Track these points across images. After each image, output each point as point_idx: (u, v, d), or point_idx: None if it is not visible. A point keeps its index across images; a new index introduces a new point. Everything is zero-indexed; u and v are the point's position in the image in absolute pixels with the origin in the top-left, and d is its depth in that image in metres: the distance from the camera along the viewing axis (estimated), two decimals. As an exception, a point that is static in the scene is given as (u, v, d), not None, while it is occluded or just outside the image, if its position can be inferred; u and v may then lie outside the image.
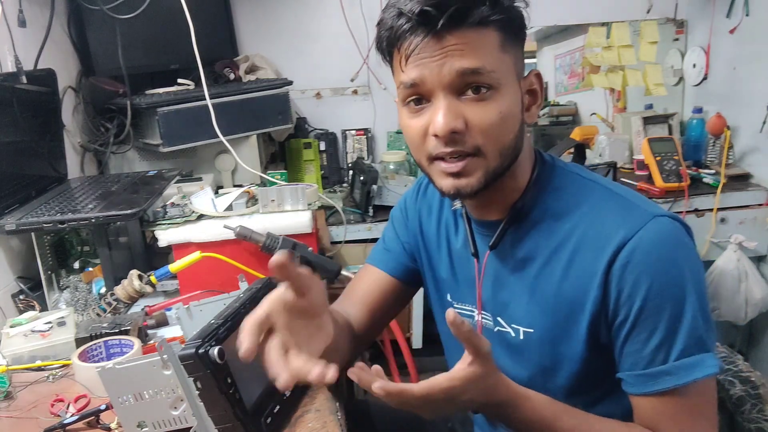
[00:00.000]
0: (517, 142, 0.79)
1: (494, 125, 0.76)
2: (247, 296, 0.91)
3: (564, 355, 0.82)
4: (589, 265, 0.77)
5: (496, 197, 0.85)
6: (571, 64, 2.62)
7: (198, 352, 0.74)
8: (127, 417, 0.83)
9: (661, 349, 0.74)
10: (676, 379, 0.74)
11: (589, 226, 0.78)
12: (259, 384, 0.85)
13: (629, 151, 2.33)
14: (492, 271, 0.88)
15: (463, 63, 0.73)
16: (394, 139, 2.43)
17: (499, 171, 0.79)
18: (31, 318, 1.18)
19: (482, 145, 0.76)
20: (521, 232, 0.84)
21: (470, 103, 0.75)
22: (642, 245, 0.74)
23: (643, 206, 0.78)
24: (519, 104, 0.79)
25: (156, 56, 1.99)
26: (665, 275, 0.74)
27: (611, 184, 0.84)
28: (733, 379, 0.99)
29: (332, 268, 1.35)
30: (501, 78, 0.75)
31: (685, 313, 0.74)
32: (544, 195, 0.84)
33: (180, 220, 1.39)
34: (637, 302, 0.74)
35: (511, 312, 0.87)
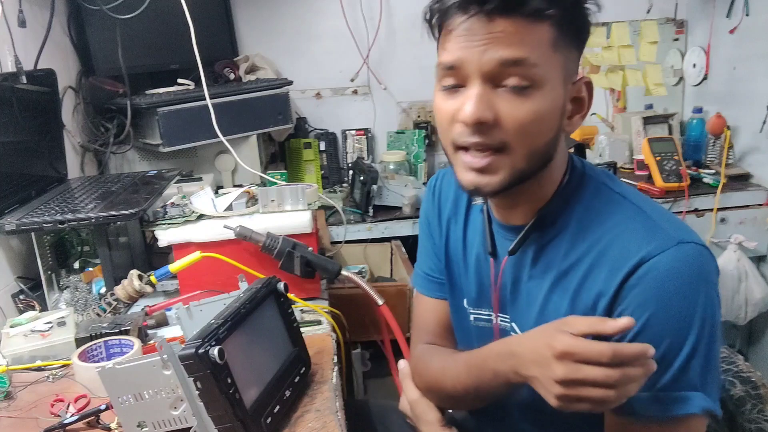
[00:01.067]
0: (549, 148, 0.75)
1: (527, 123, 0.71)
2: (247, 296, 0.91)
3: None
4: (603, 283, 0.74)
5: (521, 201, 0.81)
6: (571, 64, 2.62)
7: (198, 352, 0.74)
8: (127, 417, 0.83)
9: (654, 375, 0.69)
10: (657, 409, 0.71)
11: (609, 243, 0.75)
12: (259, 384, 0.86)
13: (629, 151, 2.33)
14: (510, 275, 0.86)
15: (506, 52, 0.69)
16: (394, 139, 2.43)
17: (526, 174, 0.75)
18: (31, 318, 1.17)
19: (510, 142, 0.72)
20: (543, 241, 0.81)
21: (506, 96, 0.71)
22: (657, 269, 0.70)
23: (669, 230, 0.73)
24: (560, 109, 0.74)
25: (156, 56, 1.99)
26: (673, 306, 0.70)
27: (641, 200, 0.79)
28: (734, 380, 0.99)
29: (332, 268, 1.35)
30: (545, 76, 0.71)
31: (683, 348, 0.70)
32: (571, 205, 0.80)
33: (180, 220, 1.39)
34: (638, 324, 0.70)
35: (525, 320, 0.84)
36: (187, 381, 0.75)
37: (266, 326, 0.94)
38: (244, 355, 0.84)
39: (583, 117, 0.78)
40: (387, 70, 2.38)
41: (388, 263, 2.02)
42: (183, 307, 1.00)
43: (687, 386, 0.71)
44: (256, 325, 0.90)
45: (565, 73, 0.74)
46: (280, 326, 0.97)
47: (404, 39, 2.35)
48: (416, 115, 2.44)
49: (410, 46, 2.34)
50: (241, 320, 0.86)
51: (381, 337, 1.55)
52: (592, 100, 0.78)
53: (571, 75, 0.75)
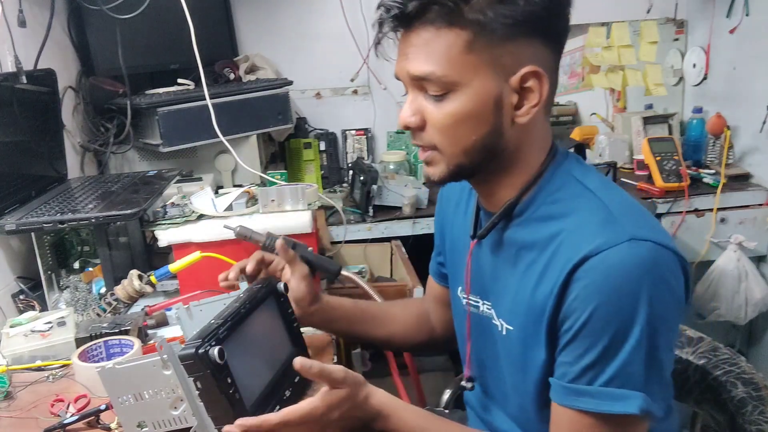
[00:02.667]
0: (488, 143, 0.77)
1: (447, 126, 0.77)
2: (247, 296, 0.91)
3: (532, 360, 0.81)
4: (556, 275, 0.75)
5: (495, 190, 0.84)
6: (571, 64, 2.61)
7: (198, 351, 0.74)
8: (127, 417, 0.83)
9: (591, 369, 0.72)
10: (594, 404, 0.72)
11: (568, 235, 0.76)
12: (259, 384, 0.85)
13: (629, 151, 2.33)
14: (489, 262, 0.88)
15: (412, 67, 0.75)
16: (394, 139, 2.43)
17: (469, 167, 0.80)
18: (31, 318, 1.18)
19: (438, 143, 0.78)
20: (515, 230, 0.83)
21: (431, 101, 0.77)
22: (604, 264, 0.71)
23: (626, 225, 0.73)
24: (491, 104, 0.75)
25: (156, 56, 1.99)
26: (616, 302, 0.70)
27: (609, 194, 0.79)
28: (736, 381, 0.99)
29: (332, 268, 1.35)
30: (461, 80, 0.74)
31: (626, 344, 0.70)
32: (540, 197, 0.81)
33: (180, 220, 1.39)
34: (582, 317, 0.72)
35: (500, 306, 0.86)
36: (187, 381, 0.75)
37: (266, 326, 0.94)
38: (244, 355, 0.84)
39: (536, 106, 0.76)
40: (387, 70, 2.37)
41: (388, 263, 2.02)
42: (183, 307, 1.00)
43: (627, 384, 0.71)
44: (256, 325, 0.90)
45: (496, 69, 0.74)
46: (280, 326, 0.97)
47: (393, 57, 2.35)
48: (416, 115, 2.43)
49: (410, 46, 2.34)
50: (241, 320, 0.86)
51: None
52: (545, 90, 0.76)
53: (508, 68, 0.74)
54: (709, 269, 2.04)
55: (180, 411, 0.79)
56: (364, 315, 1.10)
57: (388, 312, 1.14)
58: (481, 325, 0.91)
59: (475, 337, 0.94)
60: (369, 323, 1.11)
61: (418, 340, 1.14)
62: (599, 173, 0.85)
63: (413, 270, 1.73)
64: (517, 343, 0.83)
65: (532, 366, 0.81)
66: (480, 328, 0.92)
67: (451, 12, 0.71)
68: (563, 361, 0.75)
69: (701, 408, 1.08)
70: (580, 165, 0.84)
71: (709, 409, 1.05)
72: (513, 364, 0.85)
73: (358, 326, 1.10)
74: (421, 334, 1.13)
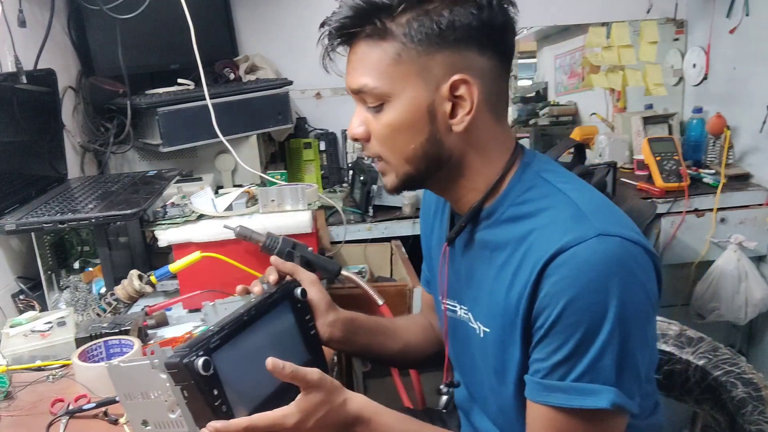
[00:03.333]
0: (428, 151, 0.79)
1: (385, 136, 0.80)
2: (257, 301, 0.89)
3: (509, 361, 0.81)
4: (528, 273, 0.74)
5: (457, 196, 0.85)
6: (571, 64, 2.61)
7: (183, 361, 0.72)
8: (132, 414, 0.82)
9: (563, 365, 0.72)
10: (566, 399, 0.72)
11: (539, 233, 0.76)
12: (258, 394, 0.83)
13: (629, 151, 2.33)
14: (464, 266, 0.88)
15: (350, 80, 0.80)
16: (394, 139, 2.43)
17: (418, 176, 0.82)
18: (31, 318, 1.18)
19: (382, 154, 0.82)
20: (485, 232, 0.84)
21: (371, 112, 0.80)
22: (574, 260, 0.71)
23: (595, 221, 0.73)
24: (424, 113, 0.77)
25: (156, 56, 1.99)
26: (586, 297, 0.70)
27: (578, 192, 0.79)
28: (736, 381, 0.99)
29: (332, 268, 1.35)
30: (392, 91, 0.77)
31: (597, 340, 0.70)
32: (509, 198, 0.81)
33: (180, 220, 1.39)
34: (553, 313, 0.72)
35: (477, 309, 0.87)
36: (175, 388, 0.74)
37: (276, 333, 0.91)
38: (242, 365, 0.81)
39: (469, 113, 0.77)
40: (387, 70, 2.38)
41: (388, 263, 2.02)
42: (209, 304, 0.99)
43: (598, 379, 0.71)
44: (263, 332, 0.87)
45: (425, 79, 0.76)
46: (294, 333, 0.94)
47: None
48: (416, 115, 2.43)
49: (410, 46, 2.34)
50: (243, 327, 0.83)
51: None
52: (476, 97, 0.76)
53: (437, 78, 0.76)
54: (709, 269, 2.04)
55: (176, 415, 0.78)
56: (378, 326, 1.08)
57: (396, 324, 1.13)
58: (459, 329, 0.91)
59: (453, 341, 0.94)
60: (384, 335, 1.08)
61: (430, 351, 1.11)
62: (569, 173, 0.84)
63: (413, 270, 1.73)
64: (494, 345, 0.83)
65: (509, 367, 0.81)
66: (458, 333, 0.92)
67: (379, 28, 0.75)
68: (536, 358, 0.75)
69: (701, 408, 1.07)
70: (549, 165, 0.84)
71: (709, 409, 1.05)
72: (491, 367, 0.85)
73: (377, 338, 1.06)
74: (431, 345, 1.11)
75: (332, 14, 0.79)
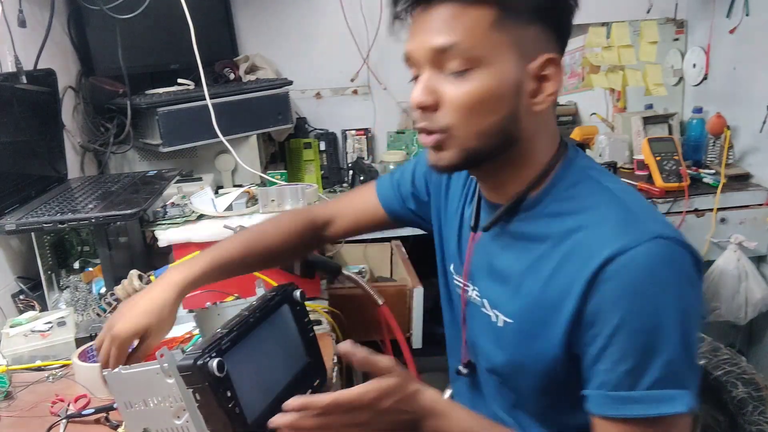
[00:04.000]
0: (504, 128, 0.75)
1: (467, 105, 0.73)
2: (259, 304, 0.89)
3: (537, 354, 0.79)
4: (576, 271, 0.73)
5: (501, 182, 0.82)
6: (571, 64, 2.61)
7: (196, 363, 0.72)
8: (132, 422, 0.82)
9: (631, 374, 0.70)
10: (642, 408, 0.69)
11: (586, 232, 0.74)
12: (265, 397, 0.83)
13: (629, 151, 2.33)
14: (487, 253, 0.87)
15: (437, 40, 0.73)
16: (394, 139, 2.43)
17: (481, 153, 0.77)
18: (31, 318, 1.18)
19: (451, 125, 0.75)
20: (521, 223, 0.82)
21: (450, 80, 0.74)
22: (631, 264, 0.69)
23: (648, 223, 0.72)
24: (512, 87, 0.74)
25: (156, 56, 1.99)
26: (648, 302, 0.69)
27: (626, 192, 0.78)
28: (736, 381, 0.99)
29: (332, 268, 1.35)
30: (486, 57, 0.72)
31: (663, 345, 0.69)
32: (554, 192, 0.80)
33: (180, 220, 1.39)
34: (614, 320, 0.70)
35: (496, 298, 0.85)
36: (187, 392, 0.74)
37: (278, 336, 0.91)
38: (249, 367, 0.81)
39: (551, 96, 0.76)
40: (387, 70, 2.38)
41: (388, 263, 2.02)
42: (201, 309, 1.00)
43: (672, 384, 0.70)
44: (267, 335, 0.87)
45: (518, 52, 0.73)
46: (294, 336, 0.94)
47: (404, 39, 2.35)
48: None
49: (410, 46, 2.34)
50: (249, 330, 0.83)
51: (381, 337, 1.55)
52: (560, 79, 0.76)
53: (528, 53, 0.74)
54: (709, 269, 2.04)
55: (182, 421, 0.77)
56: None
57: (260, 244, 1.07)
58: (474, 313, 0.91)
59: (470, 324, 0.93)
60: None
61: (300, 249, 1.14)
62: (612, 174, 0.85)
63: (413, 270, 1.73)
64: (517, 336, 0.81)
65: (537, 360, 0.79)
66: (474, 317, 0.92)
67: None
68: (601, 369, 0.72)
69: (701, 408, 1.08)
70: (593, 162, 0.84)
71: (710, 410, 1.05)
72: (510, 356, 0.83)
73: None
74: (304, 241, 1.11)
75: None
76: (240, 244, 1.03)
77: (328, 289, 1.41)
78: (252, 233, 1.06)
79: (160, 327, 0.91)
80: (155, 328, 0.90)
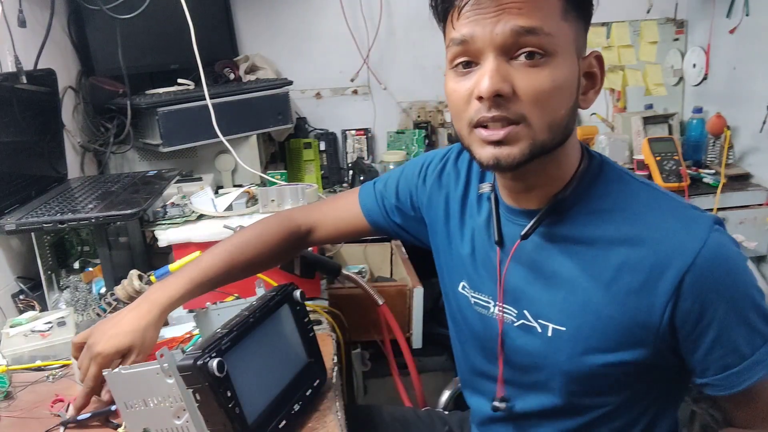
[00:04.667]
0: (568, 121, 0.74)
1: (545, 93, 0.70)
2: (259, 304, 0.89)
3: (590, 362, 0.78)
4: (652, 282, 0.74)
5: (537, 183, 0.80)
6: (571, 64, 2.61)
7: (196, 363, 0.72)
8: (132, 422, 0.82)
9: (747, 343, 0.74)
10: (765, 366, 0.75)
11: (656, 236, 0.74)
12: (265, 398, 0.83)
13: (629, 151, 2.33)
14: (522, 261, 0.83)
15: (519, 21, 0.68)
16: (394, 139, 2.43)
17: (547, 146, 0.73)
18: (31, 318, 1.18)
19: (528, 114, 0.71)
20: (560, 226, 0.80)
21: (522, 68, 0.70)
22: (712, 262, 0.73)
23: (695, 213, 0.76)
24: (575, 80, 0.74)
25: (156, 56, 1.99)
26: (738, 284, 0.74)
27: (654, 184, 0.81)
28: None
29: (332, 268, 1.35)
30: (558, 46, 0.70)
31: (757, 306, 0.74)
32: (590, 190, 0.79)
33: (180, 220, 1.39)
34: (720, 310, 0.73)
35: (540, 307, 0.81)
36: (187, 392, 0.74)
37: (279, 336, 0.91)
38: (249, 367, 0.81)
39: (597, 92, 0.78)
40: (387, 70, 2.38)
41: (388, 263, 2.02)
42: (201, 309, 1.00)
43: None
44: (267, 335, 0.87)
45: (577, 45, 0.74)
46: (294, 336, 0.94)
47: (404, 39, 2.35)
48: (416, 115, 2.44)
49: (410, 46, 2.35)
50: (249, 330, 0.83)
51: (381, 337, 1.55)
52: (604, 75, 0.78)
53: (581, 48, 0.75)
54: (709, 269, 2.04)
55: (182, 421, 0.77)
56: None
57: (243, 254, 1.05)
58: (514, 338, 0.85)
59: (509, 353, 0.87)
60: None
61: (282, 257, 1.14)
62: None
63: (413, 270, 1.73)
64: (572, 343, 0.79)
65: (587, 367, 0.79)
66: (514, 343, 0.86)
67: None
68: (718, 356, 0.75)
69: (699, 407, 1.08)
70: (610, 159, 0.84)
71: (707, 408, 1.05)
72: (558, 364, 0.81)
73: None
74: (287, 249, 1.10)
75: None
76: (222, 260, 1.01)
77: (328, 289, 1.41)
78: (234, 246, 1.03)
79: (144, 346, 0.91)
80: (138, 347, 0.90)
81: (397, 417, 1.20)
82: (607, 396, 0.82)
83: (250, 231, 1.08)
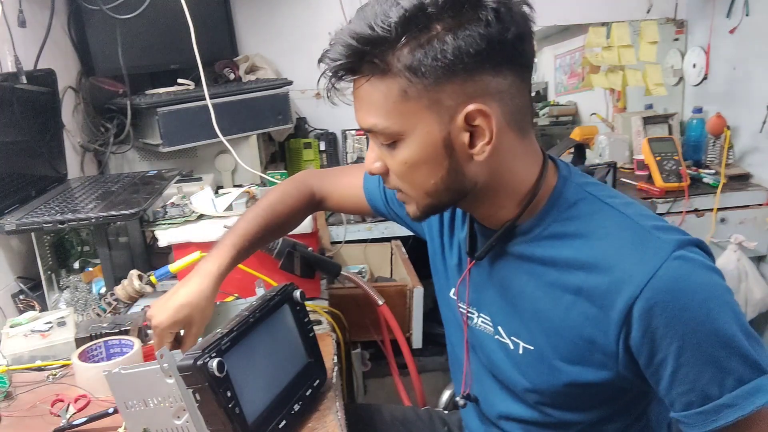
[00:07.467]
0: (452, 183, 0.74)
1: (403, 173, 0.76)
2: (259, 304, 0.89)
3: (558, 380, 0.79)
4: (602, 307, 0.72)
5: (487, 213, 0.82)
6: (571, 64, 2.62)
7: (196, 363, 0.72)
8: (132, 422, 0.81)
9: (713, 384, 0.69)
10: (738, 410, 0.69)
11: (608, 260, 0.72)
12: (265, 398, 0.83)
13: (629, 151, 2.34)
14: (494, 279, 0.85)
15: (359, 120, 0.76)
16: (394, 139, 2.43)
17: (440, 205, 0.79)
18: (31, 318, 1.17)
19: (401, 187, 0.78)
20: (526, 246, 0.80)
21: (385, 150, 0.76)
22: (665, 287, 0.68)
23: (659, 236, 0.71)
24: (441, 149, 0.72)
25: (156, 56, 1.99)
26: (697, 313, 0.68)
27: (627, 206, 0.76)
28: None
29: (332, 268, 1.35)
30: (404, 128, 0.72)
31: (730, 344, 0.68)
32: (554, 213, 0.78)
33: (180, 220, 1.39)
34: (672, 345, 0.69)
35: (510, 324, 0.83)
36: (187, 392, 0.74)
37: (279, 336, 0.91)
38: (249, 367, 0.81)
39: (489, 143, 0.72)
40: (387, 70, 2.38)
41: (388, 263, 2.02)
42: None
43: (755, 374, 0.69)
44: (267, 335, 0.87)
45: (437, 112, 0.70)
46: (294, 336, 0.94)
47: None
48: (416, 115, 2.44)
49: (410, 46, 2.34)
50: (249, 330, 0.83)
51: (381, 337, 1.55)
52: (494, 124, 0.71)
53: (450, 110, 0.70)
54: (709, 269, 2.04)
55: (182, 421, 0.77)
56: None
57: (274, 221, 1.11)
58: (482, 341, 0.89)
59: (475, 352, 0.92)
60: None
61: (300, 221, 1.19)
62: (608, 186, 0.83)
63: (413, 270, 1.73)
64: (539, 363, 0.80)
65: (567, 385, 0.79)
66: (481, 345, 0.90)
67: (379, 65, 0.70)
68: (680, 392, 0.71)
69: None
70: (587, 177, 0.82)
71: None
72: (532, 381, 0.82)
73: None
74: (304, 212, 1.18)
75: (326, 51, 0.73)
76: (257, 224, 1.06)
77: (328, 289, 1.41)
78: (264, 210, 1.09)
79: (202, 316, 0.95)
80: (197, 318, 0.94)
81: (397, 416, 1.20)
82: (582, 412, 0.83)
83: (273, 196, 1.13)
